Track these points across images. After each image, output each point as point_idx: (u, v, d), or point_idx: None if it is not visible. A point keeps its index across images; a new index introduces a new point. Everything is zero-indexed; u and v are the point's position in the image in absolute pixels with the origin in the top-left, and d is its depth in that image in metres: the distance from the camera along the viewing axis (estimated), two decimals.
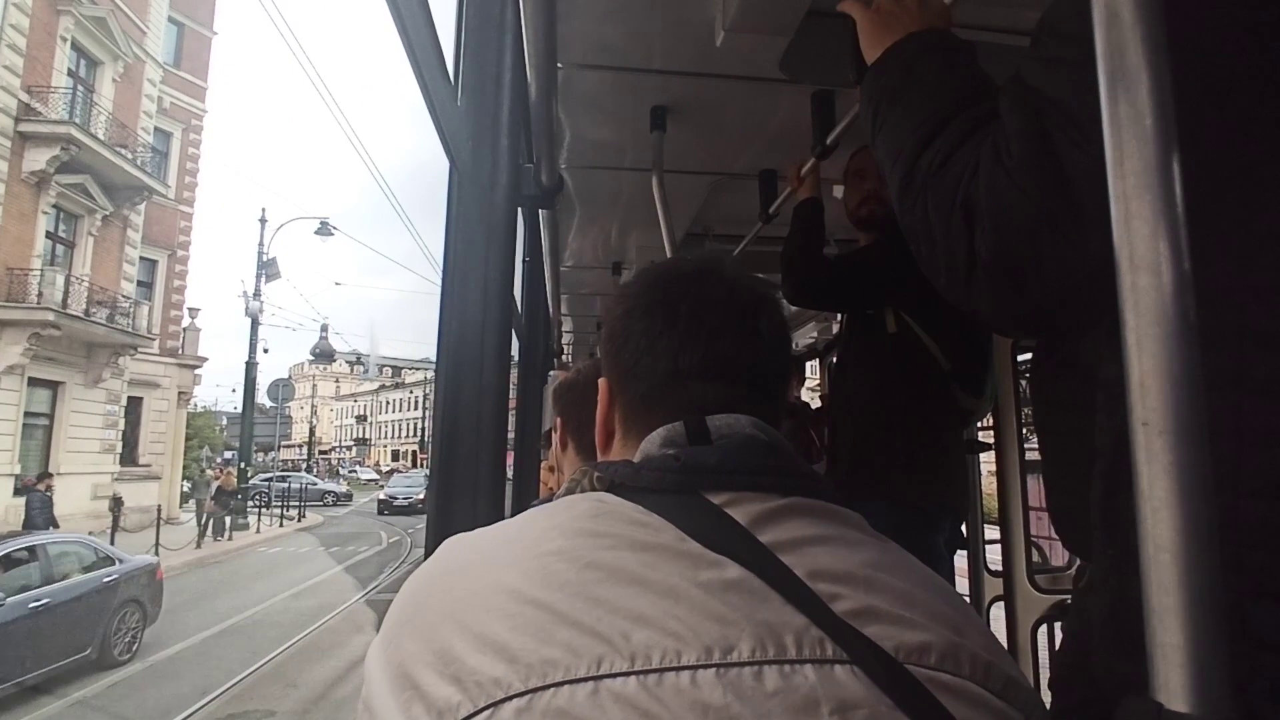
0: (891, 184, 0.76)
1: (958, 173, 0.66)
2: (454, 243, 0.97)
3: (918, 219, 0.71)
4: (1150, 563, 0.39)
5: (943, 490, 1.93)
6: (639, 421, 0.68)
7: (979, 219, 0.63)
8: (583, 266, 3.94)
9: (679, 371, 0.66)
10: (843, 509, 0.61)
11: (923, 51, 0.79)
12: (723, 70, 1.90)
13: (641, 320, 0.68)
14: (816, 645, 0.48)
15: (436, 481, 0.96)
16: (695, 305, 0.67)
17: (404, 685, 0.48)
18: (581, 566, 0.51)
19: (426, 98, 0.81)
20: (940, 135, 0.70)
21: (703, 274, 0.70)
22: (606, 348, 0.72)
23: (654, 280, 0.71)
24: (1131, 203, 0.38)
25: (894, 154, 0.75)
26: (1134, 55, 0.39)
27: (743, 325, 0.67)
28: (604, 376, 0.73)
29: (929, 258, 0.71)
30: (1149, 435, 0.37)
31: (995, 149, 0.63)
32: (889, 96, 0.79)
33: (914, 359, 1.85)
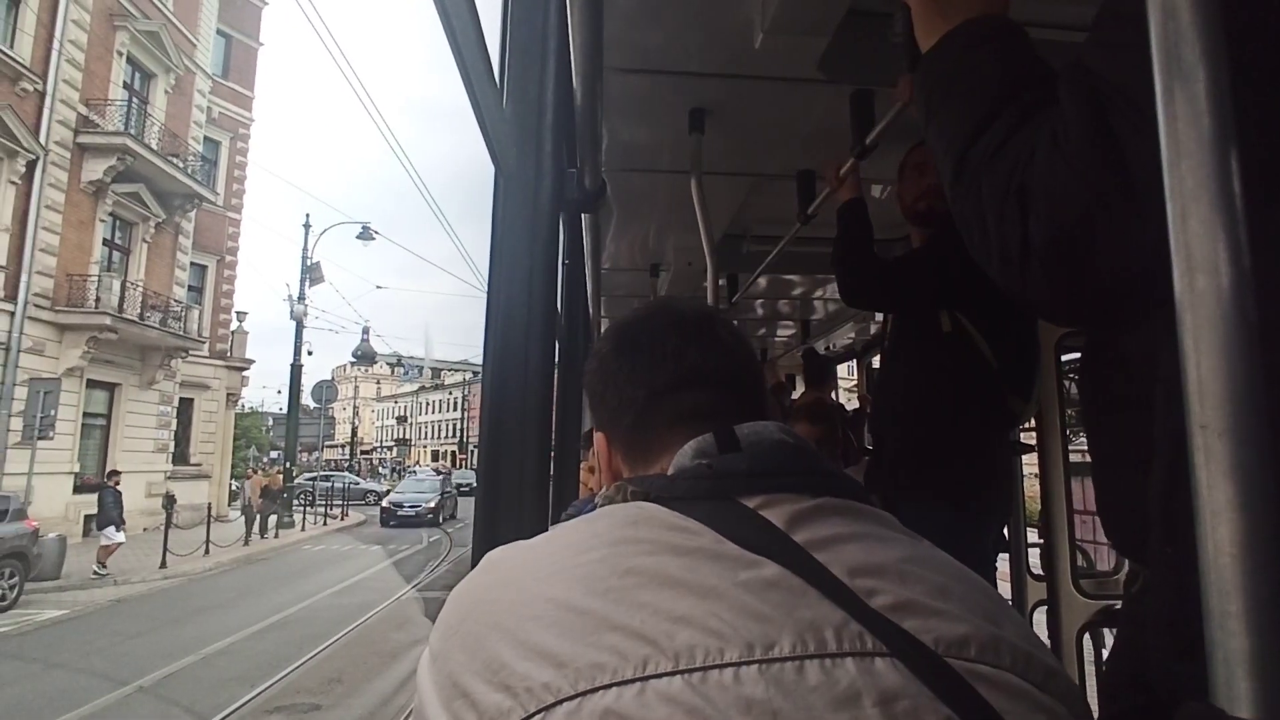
0: (944, 172, 0.75)
1: (1012, 159, 0.65)
2: (499, 248, 0.99)
3: (970, 206, 0.71)
4: (1210, 566, 0.39)
5: (992, 492, 1.90)
6: (638, 449, 0.72)
7: (1033, 205, 0.62)
8: (620, 269, 3.96)
9: (657, 391, 0.71)
10: (873, 508, 0.62)
11: (979, 38, 0.78)
12: (761, 71, 1.90)
13: (615, 361, 0.75)
14: (856, 639, 0.49)
15: (483, 485, 0.98)
16: (652, 334, 0.74)
17: (454, 694, 0.50)
18: (622, 572, 0.53)
19: (474, 104, 0.83)
20: (995, 121, 0.69)
21: (652, 313, 0.78)
22: (593, 404, 0.78)
23: (613, 330, 0.79)
24: (1188, 202, 0.38)
25: (947, 141, 0.75)
26: (1190, 51, 0.39)
27: (700, 337, 0.73)
28: (597, 429, 0.78)
29: (981, 245, 0.70)
30: (1208, 437, 0.37)
31: (1053, 134, 0.62)
32: (943, 84, 0.79)
33: (967, 360, 1.82)
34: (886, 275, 1.96)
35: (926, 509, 1.63)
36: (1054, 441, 3.08)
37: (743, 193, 2.84)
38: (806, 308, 5.04)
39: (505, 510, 0.97)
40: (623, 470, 0.74)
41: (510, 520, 0.97)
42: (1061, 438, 3.05)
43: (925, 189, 1.95)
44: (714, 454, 0.63)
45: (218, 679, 7.75)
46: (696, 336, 0.73)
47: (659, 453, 0.69)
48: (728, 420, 0.66)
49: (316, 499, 26.31)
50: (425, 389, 78.80)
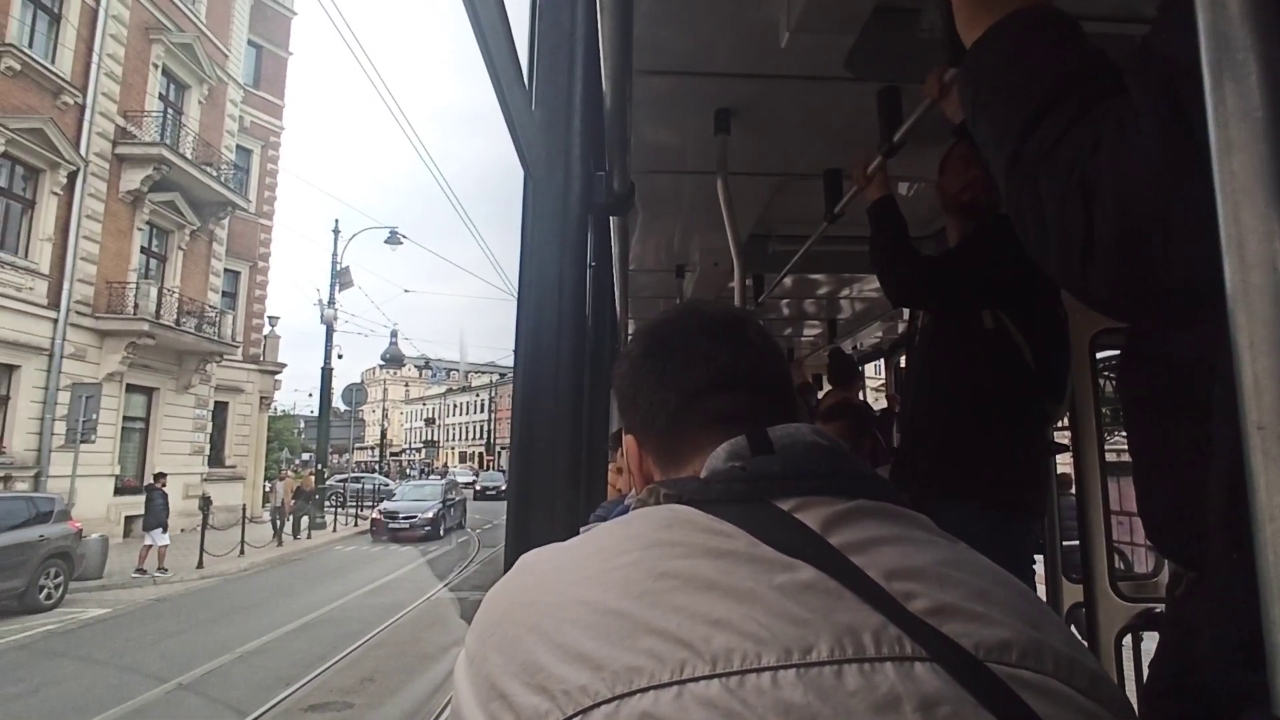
0: (996, 166, 0.73)
1: (1074, 150, 0.63)
2: (528, 251, 1.00)
3: (1026, 201, 0.68)
4: (1271, 572, 0.38)
5: (1031, 493, 1.86)
6: (670, 452, 0.72)
7: (1099, 197, 0.60)
8: (645, 270, 3.96)
9: (690, 393, 0.70)
10: (909, 510, 0.62)
11: (1030, 28, 0.75)
12: (787, 70, 1.89)
13: (645, 364, 0.75)
14: (895, 643, 0.48)
15: (515, 486, 0.99)
16: (683, 337, 0.73)
17: (491, 696, 0.50)
18: (658, 575, 0.52)
19: (504, 109, 0.83)
20: (1053, 111, 0.66)
21: (682, 315, 0.77)
22: (623, 406, 0.77)
23: (643, 333, 0.79)
24: (1241, 197, 0.37)
25: (998, 135, 0.73)
26: (1241, 42, 0.38)
27: (730, 339, 0.73)
28: (627, 432, 0.77)
29: (1038, 241, 0.68)
30: (1265, 440, 0.35)
31: (1120, 123, 0.60)
32: (993, 76, 0.76)
33: (1007, 358, 1.79)
34: (934, 272, 1.93)
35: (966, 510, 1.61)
36: (1089, 441, 3.02)
37: (768, 192, 2.83)
38: (833, 307, 5.01)
39: (537, 511, 0.98)
40: (654, 473, 0.74)
41: (542, 521, 0.98)
42: (1097, 437, 2.99)
43: (971, 180, 1.91)
44: (747, 456, 0.63)
45: (254, 677, 7.90)
46: (727, 339, 0.73)
47: (691, 455, 0.68)
48: (759, 423, 0.66)
49: (347, 500, 26.69)
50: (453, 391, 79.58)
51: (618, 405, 0.79)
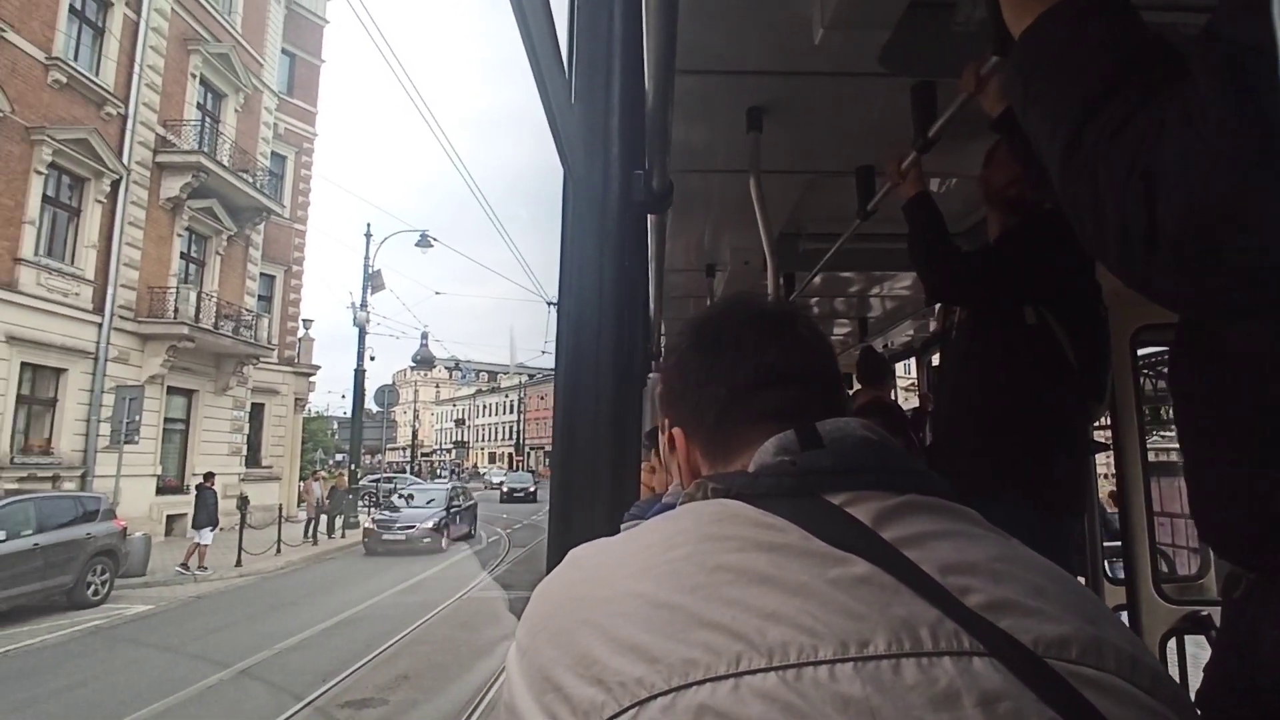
0: (1049, 157, 0.71)
1: (1135, 139, 0.61)
2: (569, 249, 1.01)
3: (1083, 192, 0.66)
4: None
5: (1072, 492, 1.83)
6: (719, 447, 0.71)
7: (1164, 188, 0.58)
8: (676, 269, 3.96)
9: (739, 389, 0.70)
10: (960, 505, 0.61)
11: (1085, 14, 0.72)
12: (820, 67, 1.88)
13: (693, 359, 0.74)
14: (952, 638, 0.48)
15: (557, 484, 1.00)
16: (733, 331, 0.73)
17: (546, 688, 0.51)
18: (711, 569, 0.52)
19: (546, 108, 0.84)
20: (1112, 100, 0.64)
21: (732, 309, 0.77)
22: (669, 399, 0.77)
23: (692, 326, 0.78)
24: None
25: (1052, 124, 0.71)
26: None
27: (782, 335, 0.72)
28: (674, 427, 0.77)
29: (1096, 233, 0.66)
30: None
31: (1185, 109, 0.58)
32: (1046, 64, 0.74)
33: (1050, 355, 1.76)
34: (976, 268, 1.90)
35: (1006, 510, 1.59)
36: (1131, 440, 2.95)
37: (800, 190, 2.82)
38: (864, 305, 4.96)
39: (579, 508, 0.99)
40: (701, 467, 0.74)
41: (584, 518, 0.99)
42: (1140, 436, 2.93)
43: (1018, 175, 1.88)
44: (796, 451, 0.63)
45: (291, 674, 8.06)
46: (777, 333, 0.72)
47: (740, 450, 0.68)
48: (809, 418, 0.65)
49: (380, 499, 27.05)
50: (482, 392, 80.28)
51: (665, 398, 0.78)
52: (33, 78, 14.11)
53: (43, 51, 14.23)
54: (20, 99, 13.75)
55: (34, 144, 14.00)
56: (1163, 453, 3.90)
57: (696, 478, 0.74)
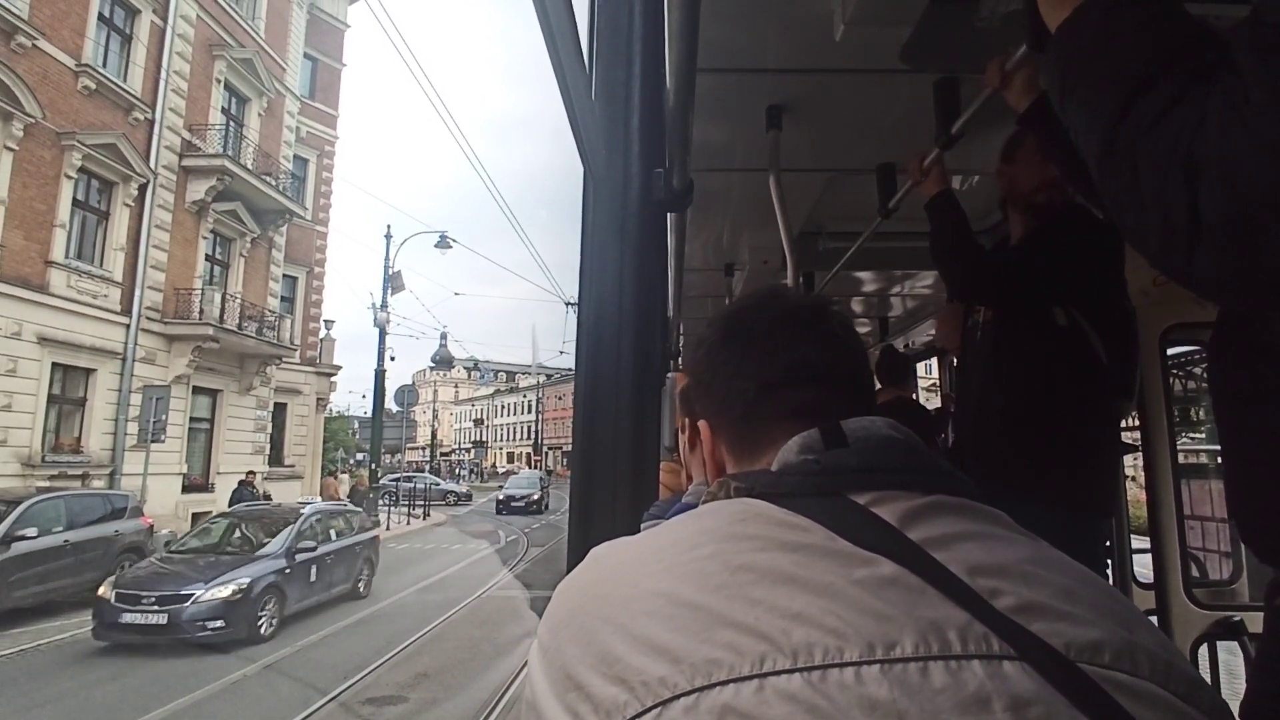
0: (1088, 150, 0.70)
1: (1176, 128, 0.60)
2: (589, 248, 1.01)
3: (1123, 184, 0.65)
4: None
5: (1103, 493, 1.80)
6: (745, 442, 0.70)
7: (1206, 178, 0.57)
8: (694, 269, 3.95)
9: (768, 384, 0.68)
10: (988, 507, 0.59)
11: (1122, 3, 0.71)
12: (841, 64, 1.86)
13: (721, 352, 0.73)
14: (981, 641, 0.47)
15: (578, 484, 1.00)
16: (766, 324, 0.71)
17: (568, 687, 0.50)
18: (734, 568, 0.52)
19: (567, 106, 0.84)
20: (1152, 89, 0.63)
21: (763, 301, 0.75)
22: (698, 392, 0.76)
23: (722, 318, 0.76)
24: None
25: (1091, 117, 0.70)
26: None
27: (813, 331, 0.70)
28: (702, 418, 0.76)
29: (1137, 225, 0.65)
30: None
31: (1229, 98, 0.57)
32: (1084, 54, 0.73)
33: (1081, 355, 1.73)
34: (1001, 268, 1.88)
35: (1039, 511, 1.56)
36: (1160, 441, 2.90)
37: (820, 188, 2.80)
38: (884, 304, 4.92)
39: (600, 508, 0.99)
40: (727, 462, 0.73)
41: (605, 518, 0.99)
42: (1170, 437, 2.87)
43: (1048, 180, 1.84)
44: (820, 449, 0.62)
45: (314, 671, 8.15)
46: (809, 329, 0.70)
47: (766, 446, 0.67)
48: (838, 416, 0.64)
49: (400, 499, 27.28)
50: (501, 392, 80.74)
51: (692, 391, 0.77)
52: (63, 84, 14.41)
53: (73, 59, 14.53)
54: (51, 105, 14.05)
55: (64, 149, 14.30)
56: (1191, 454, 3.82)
57: (721, 473, 0.73)
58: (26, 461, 13.51)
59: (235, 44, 18.94)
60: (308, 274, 23.48)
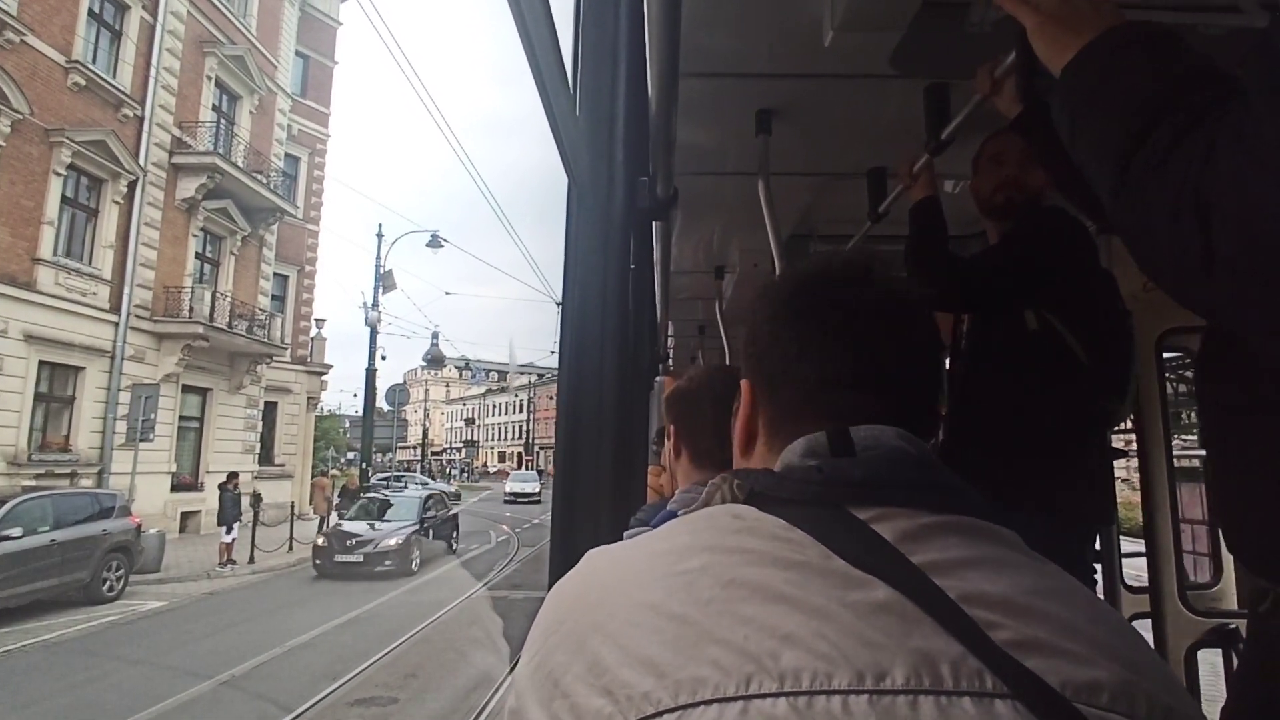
0: (1102, 188, 0.70)
1: (1184, 162, 0.60)
2: (573, 256, 1.00)
3: (1136, 219, 0.65)
4: None
5: (1090, 498, 1.80)
6: (786, 428, 0.65)
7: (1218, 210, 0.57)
8: (684, 271, 3.95)
9: (829, 380, 0.63)
10: (998, 528, 0.57)
11: (1127, 44, 0.72)
12: (831, 70, 1.86)
13: (790, 326, 0.66)
14: (975, 677, 0.45)
15: (560, 489, 0.99)
16: (846, 313, 0.64)
17: (554, 694, 0.49)
18: (725, 583, 0.50)
19: (549, 116, 0.83)
20: (1160, 125, 0.63)
21: (852, 278, 0.67)
22: (751, 350, 0.70)
23: (802, 284, 0.69)
24: None
25: (1101, 155, 0.70)
26: None
27: (894, 334, 0.64)
28: (746, 378, 0.70)
29: (1150, 259, 0.65)
30: None
31: (1237, 131, 0.57)
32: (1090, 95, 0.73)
33: (1057, 359, 1.73)
34: (967, 275, 1.88)
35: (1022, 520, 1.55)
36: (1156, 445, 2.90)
37: (810, 193, 2.80)
38: None
39: (582, 514, 0.98)
40: (759, 434, 0.69)
41: (587, 523, 0.98)
42: (1165, 441, 2.87)
43: (1003, 180, 1.85)
44: (825, 455, 0.59)
45: (301, 671, 8.11)
46: (891, 331, 0.64)
47: (799, 436, 0.64)
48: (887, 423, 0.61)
49: None
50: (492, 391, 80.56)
51: (745, 341, 0.71)
52: (52, 80, 14.29)
53: (62, 55, 14.41)
54: (40, 102, 13.93)
55: (53, 145, 14.18)
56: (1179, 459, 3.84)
57: (751, 442, 0.70)
58: (12, 460, 13.39)
59: (226, 41, 18.82)
60: (299, 273, 23.36)
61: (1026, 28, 0.85)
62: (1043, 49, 0.82)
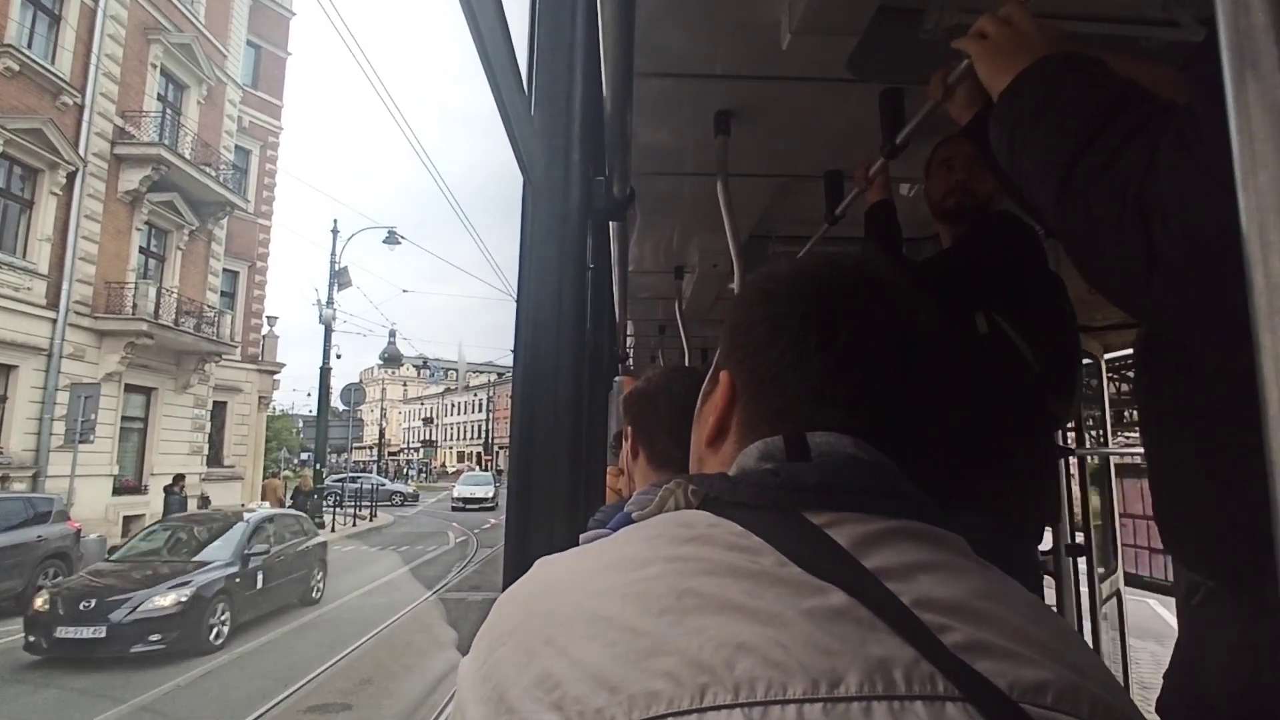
0: (1043, 197, 0.71)
1: (1127, 168, 0.61)
2: (527, 257, 0.99)
3: (1079, 226, 0.66)
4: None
5: (1038, 498, 1.85)
6: (762, 431, 0.63)
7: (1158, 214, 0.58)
8: (644, 271, 3.95)
9: (825, 398, 0.61)
10: (947, 533, 0.58)
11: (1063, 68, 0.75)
12: (788, 72, 1.88)
13: (793, 333, 0.63)
14: (927, 681, 0.46)
15: (515, 493, 0.97)
16: (856, 331, 0.62)
17: (500, 709, 0.48)
18: (680, 592, 0.50)
19: (503, 115, 0.82)
20: (1102, 135, 0.64)
21: (864, 286, 0.64)
22: (737, 341, 0.67)
23: (810, 287, 0.65)
24: (1267, 215, 0.35)
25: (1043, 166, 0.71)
26: (1269, 55, 0.36)
27: (901, 362, 0.62)
28: (730, 371, 0.67)
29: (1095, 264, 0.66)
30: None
31: (1179, 137, 0.58)
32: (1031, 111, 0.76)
33: (1006, 362, 1.77)
34: (916, 280, 1.92)
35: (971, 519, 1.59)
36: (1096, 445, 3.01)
37: (769, 194, 2.82)
38: None
39: (537, 517, 0.96)
40: (731, 430, 0.67)
41: (542, 526, 0.96)
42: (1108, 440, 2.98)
43: (953, 185, 1.89)
44: (781, 459, 0.60)
45: (252, 679, 7.88)
46: (898, 357, 0.62)
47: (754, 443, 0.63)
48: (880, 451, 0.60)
49: (345, 500, 26.63)
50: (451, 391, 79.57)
51: (728, 331, 0.68)
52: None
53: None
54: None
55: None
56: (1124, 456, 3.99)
57: (724, 436, 0.68)
58: None
59: (173, 28, 18.17)
60: (250, 269, 22.70)
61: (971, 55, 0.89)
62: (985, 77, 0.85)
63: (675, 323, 4.44)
